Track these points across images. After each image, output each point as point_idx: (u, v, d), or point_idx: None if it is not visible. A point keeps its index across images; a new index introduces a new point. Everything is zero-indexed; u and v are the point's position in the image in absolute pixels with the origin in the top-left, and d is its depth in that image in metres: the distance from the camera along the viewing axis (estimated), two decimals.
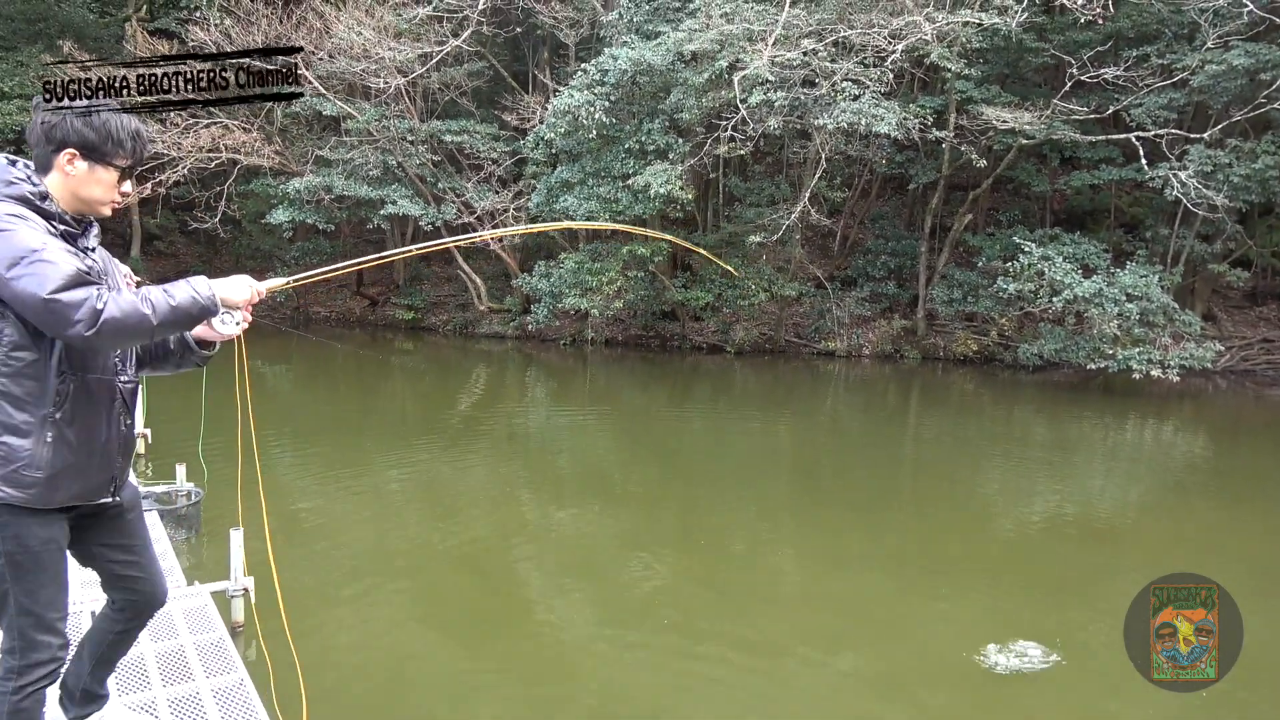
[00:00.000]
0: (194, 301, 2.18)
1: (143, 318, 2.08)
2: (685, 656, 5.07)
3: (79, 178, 2.25)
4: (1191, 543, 7.52)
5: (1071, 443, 11.62)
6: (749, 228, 16.75)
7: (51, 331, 2.07)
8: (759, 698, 4.64)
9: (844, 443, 11.73)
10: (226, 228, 20.50)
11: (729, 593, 6.10)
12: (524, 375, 15.99)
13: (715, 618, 5.64)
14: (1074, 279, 13.91)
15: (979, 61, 15.85)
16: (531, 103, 18.35)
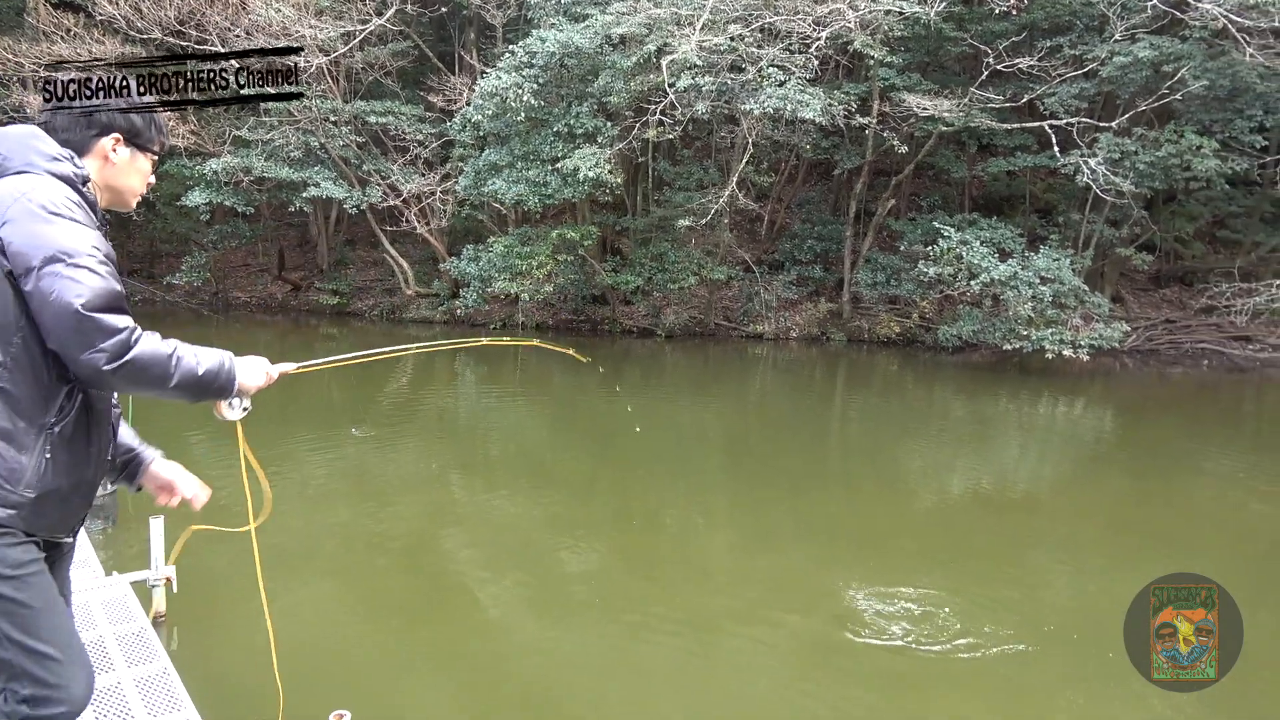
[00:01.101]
0: (217, 376, 1.98)
1: (165, 373, 1.88)
2: (618, 636, 5.15)
3: (119, 166, 2.04)
4: (1101, 512, 7.89)
5: (989, 420, 12.04)
6: (678, 211, 16.83)
7: (65, 349, 1.80)
8: (692, 674, 4.74)
9: (772, 423, 11.95)
10: (140, 210, 19.66)
11: (661, 572, 6.20)
12: (453, 361, 15.84)
13: (647, 597, 5.72)
14: (991, 262, 14.36)
15: (901, 50, 16.18)
16: (458, 84, 18.08)
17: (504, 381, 14.54)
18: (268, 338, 17.68)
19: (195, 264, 19.99)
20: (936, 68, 17.93)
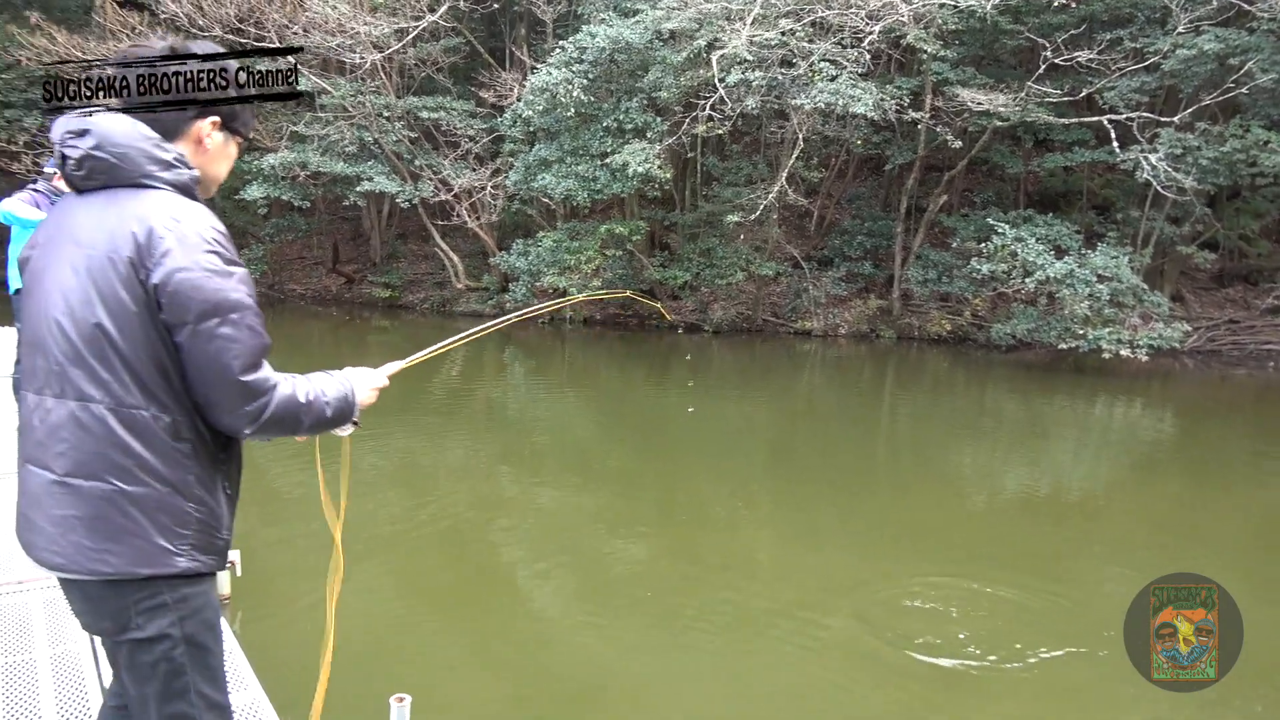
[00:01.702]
0: (341, 412, 1.86)
1: (297, 424, 1.77)
2: (663, 630, 5.18)
3: (212, 153, 1.82)
4: (1159, 518, 7.72)
5: (1043, 420, 11.83)
6: (727, 207, 16.80)
7: (210, 408, 1.67)
8: (736, 670, 4.76)
9: (820, 421, 11.88)
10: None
11: (706, 567, 6.21)
12: (502, 354, 16.00)
13: (693, 592, 5.75)
14: (1046, 260, 14.10)
15: (955, 43, 15.94)
16: (509, 80, 18.23)
17: (552, 374, 14.65)
18: (321, 329, 18.03)
19: (253, 257, 20.44)
20: (991, 61, 17.62)
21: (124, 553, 1.62)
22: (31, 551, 1.69)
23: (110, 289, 1.61)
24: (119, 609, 1.66)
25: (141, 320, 1.61)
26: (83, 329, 1.61)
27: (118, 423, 1.62)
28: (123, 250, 1.60)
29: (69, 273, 1.64)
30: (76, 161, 1.65)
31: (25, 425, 1.70)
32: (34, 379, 1.69)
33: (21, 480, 1.71)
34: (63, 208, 1.75)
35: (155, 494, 1.64)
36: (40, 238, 1.77)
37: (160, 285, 1.60)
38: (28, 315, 1.73)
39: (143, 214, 1.62)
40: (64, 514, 1.62)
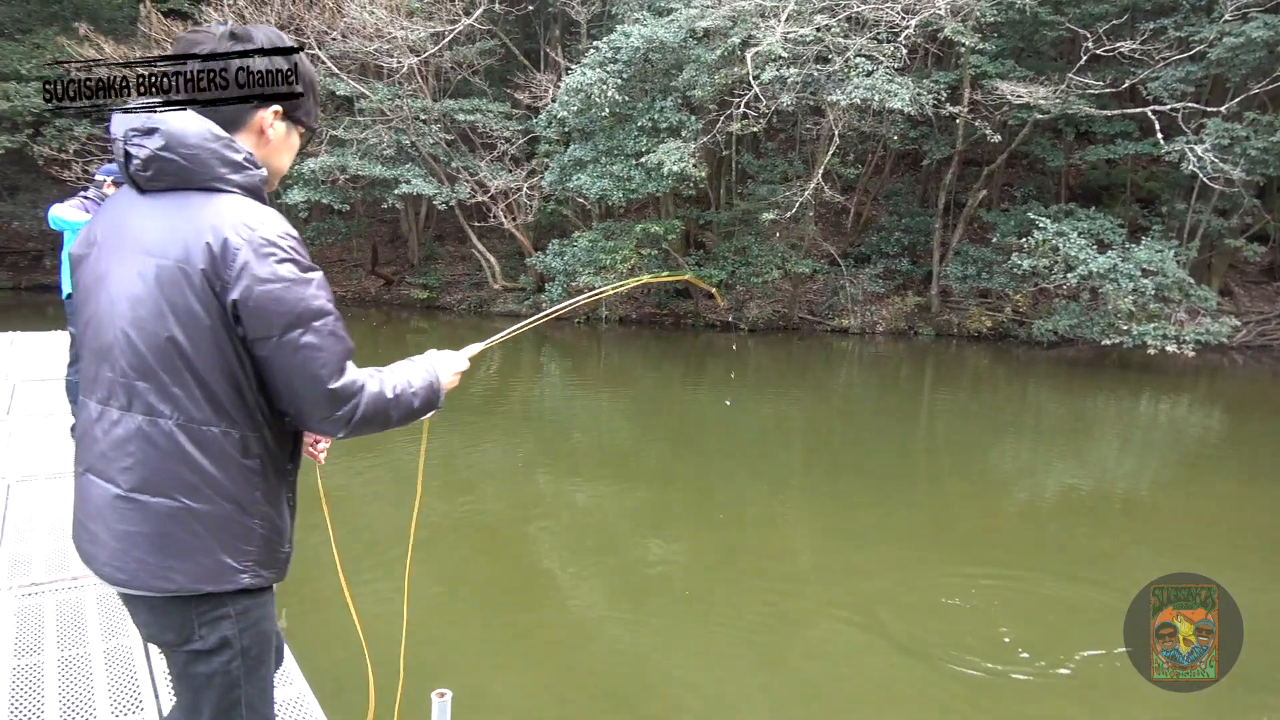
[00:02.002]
0: (428, 401, 1.83)
1: (386, 420, 1.73)
2: (701, 628, 5.19)
3: (275, 144, 1.73)
4: (1208, 517, 7.56)
5: (1086, 418, 11.64)
6: (762, 205, 16.74)
7: (300, 416, 1.64)
8: (775, 669, 4.75)
9: (857, 419, 11.79)
10: None
11: (744, 566, 6.21)
12: (538, 354, 16.09)
13: (731, 591, 5.75)
14: (1089, 254, 13.86)
15: (993, 35, 15.73)
16: (544, 81, 18.34)
17: (588, 373, 14.71)
18: (361, 331, 18.27)
19: None
20: (1031, 53, 17.35)
21: (188, 570, 1.60)
22: (93, 564, 1.66)
23: (183, 301, 1.54)
24: (182, 622, 1.64)
25: (215, 334, 1.55)
26: (153, 342, 1.55)
27: (187, 439, 1.57)
28: (196, 261, 1.53)
29: (137, 281, 1.56)
30: (143, 162, 1.56)
31: (86, 434, 1.66)
32: (97, 388, 1.63)
33: (81, 489, 1.67)
34: (122, 207, 1.65)
35: (221, 511, 1.61)
36: (96, 235, 1.68)
37: (240, 300, 1.53)
38: (88, 319, 1.66)
39: (216, 223, 1.54)
40: (128, 529, 1.59)
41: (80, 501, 1.68)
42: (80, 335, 1.69)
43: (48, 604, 3.47)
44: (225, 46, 1.63)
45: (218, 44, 1.63)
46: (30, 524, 4.32)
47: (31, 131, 20.10)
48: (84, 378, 1.68)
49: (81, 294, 1.69)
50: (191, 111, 1.60)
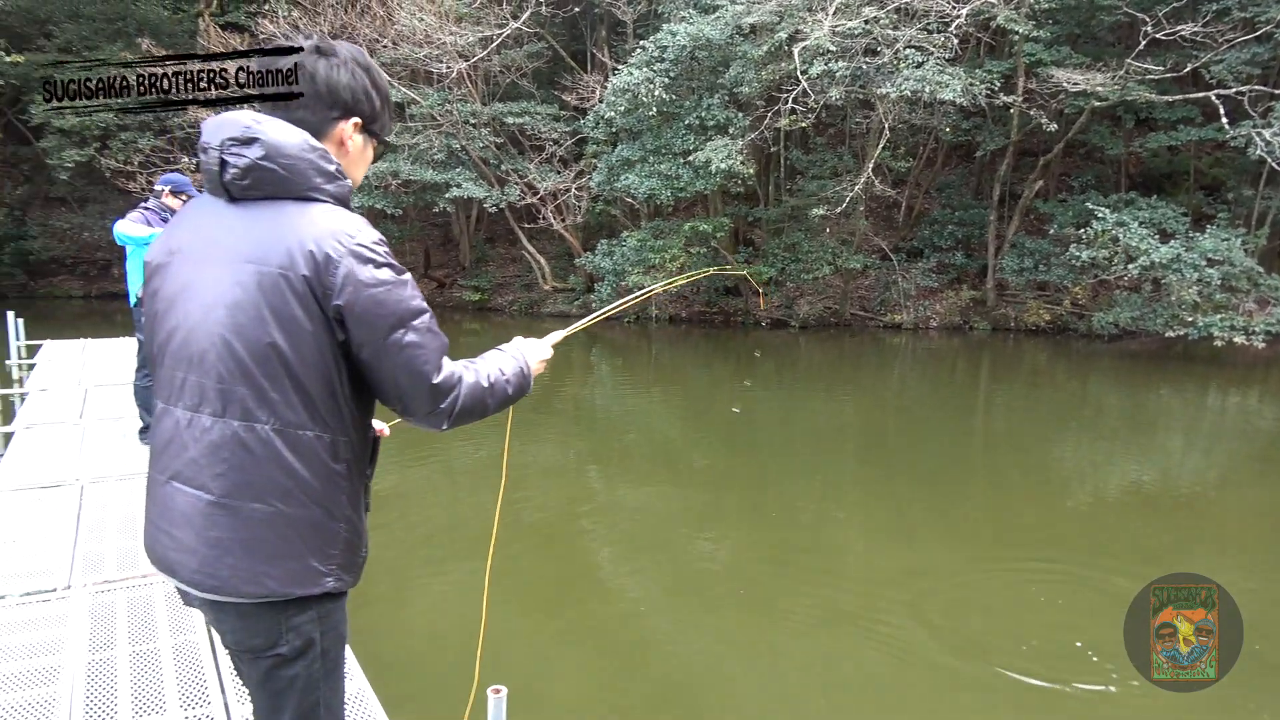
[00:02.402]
0: (520, 388, 1.87)
1: (484, 409, 1.78)
2: (755, 627, 5.17)
3: (352, 156, 1.76)
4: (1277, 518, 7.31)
5: (1149, 413, 11.33)
6: (811, 200, 16.60)
7: (406, 412, 1.70)
8: (830, 669, 4.72)
9: (912, 416, 11.64)
10: None
11: (798, 565, 6.17)
12: (589, 354, 16.17)
13: (784, 590, 5.72)
14: (1150, 244, 13.49)
15: (1048, 22, 15.38)
16: (591, 82, 18.42)
17: (638, 372, 14.74)
18: None
19: None
20: (1088, 39, 16.93)
21: (279, 575, 1.61)
22: (178, 572, 1.64)
23: (285, 308, 1.55)
24: (270, 626, 1.65)
25: (316, 339, 1.58)
26: (254, 348, 1.56)
27: (283, 444, 1.59)
28: (300, 268, 1.55)
29: (236, 288, 1.57)
30: (242, 170, 1.58)
31: (172, 441, 1.65)
32: (184, 395, 1.63)
33: (165, 497, 1.65)
34: (207, 215, 1.66)
35: (311, 515, 1.63)
36: (177, 244, 1.69)
37: (345, 306, 1.56)
38: (173, 327, 1.65)
39: (316, 231, 1.57)
40: (219, 536, 1.59)
41: (161, 509, 1.66)
42: (161, 343, 1.69)
43: (119, 601, 3.60)
44: (311, 62, 1.67)
45: (304, 56, 1.67)
46: (102, 524, 4.48)
47: (99, 145, 20.79)
48: (165, 384, 1.68)
49: (161, 302, 1.69)
50: (286, 123, 1.63)
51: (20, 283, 23.79)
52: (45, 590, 3.66)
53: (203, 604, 1.69)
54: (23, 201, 24.14)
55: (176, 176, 6.04)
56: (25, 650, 3.16)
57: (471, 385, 1.74)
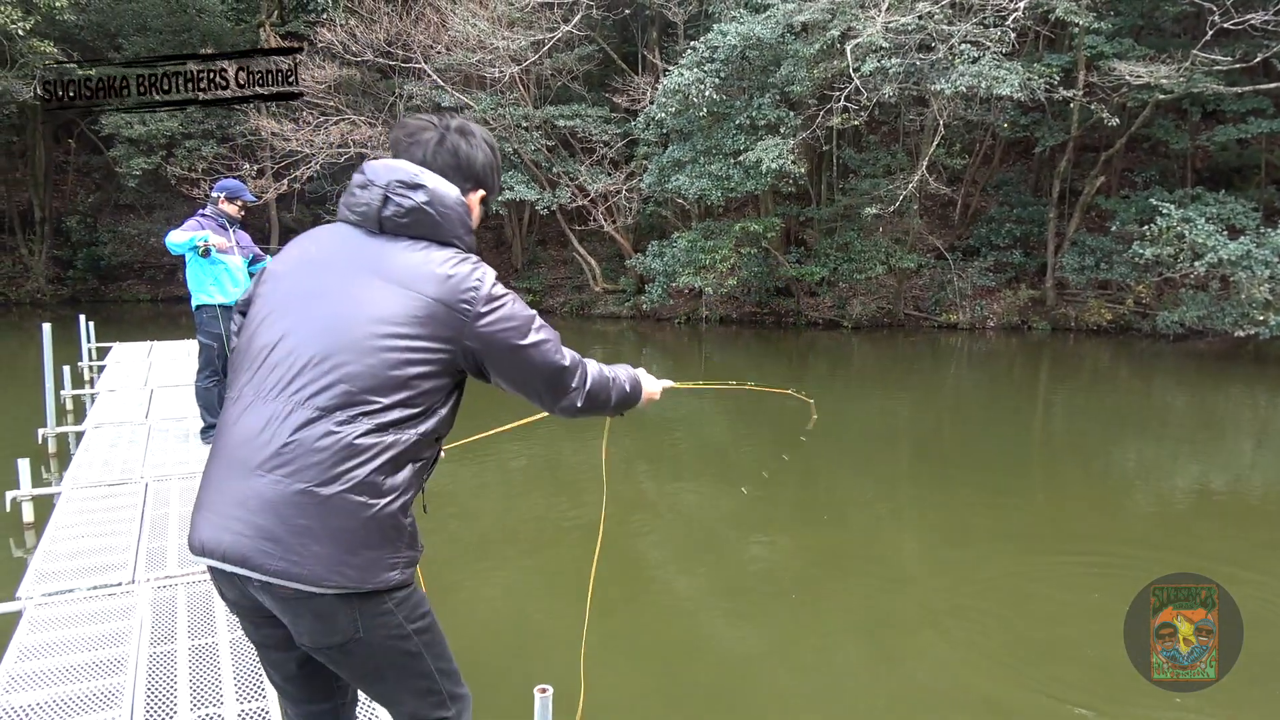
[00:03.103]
0: (633, 394, 2.15)
1: (608, 397, 2.05)
2: (807, 631, 5.12)
3: (474, 220, 2.01)
4: None
5: (1218, 415, 10.96)
6: (864, 199, 16.41)
7: (544, 400, 1.96)
8: (883, 675, 4.65)
9: (968, 418, 11.42)
10: None
11: (850, 568, 6.10)
12: (639, 355, 16.19)
13: (837, 594, 5.66)
14: (1218, 241, 13.06)
15: (1109, 14, 14.99)
16: (642, 83, 18.45)
17: (689, 373, 14.72)
18: None
19: None
20: (1152, 30, 16.47)
21: (358, 565, 1.68)
22: (255, 561, 1.67)
23: (425, 330, 1.75)
24: (349, 620, 1.72)
25: (442, 362, 1.78)
26: (389, 361, 1.72)
27: (384, 446, 1.71)
28: (444, 298, 1.77)
29: (382, 305, 1.74)
30: (405, 210, 1.81)
31: (260, 432, 1.71)
32: (288, 389, 1.72)
33: (243, 488, 1.70)
34: (351, 238, 1.85)
35: (389, 510, 1.72)
36: (309, 256, 1.87)
37: (485, 329, 1.80)
38: (290, 329, 1.77)
39: (461, 270, 1.81)
40: (307, 524, 1.66)
41: (237, 499, 1.70)
42: (269, 340, 1.79)
43: (180, 595, 3.70)
44: (438, 134, 1.94)
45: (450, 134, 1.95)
46: (165, 521, 4.62)
47: (165, 153, 21.44)
48: (264, 379, 1.76)
49: (277, 304, 1.83)
50: (442, 179, 1.89)
51: (92, 287, 24.66)
52: (111, 585, 3.79)
53: (277, 600, 1.71)
54: (94, 209, 25.03)
55: (231, 183, 6.18)
56: (92, 641, 3.27)
57: (596, 371, 2.02)
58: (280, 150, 19.58)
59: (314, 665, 1.91)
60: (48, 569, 3.94)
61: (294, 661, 1.89)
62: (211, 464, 1.80)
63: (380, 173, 1.84)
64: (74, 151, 25.20)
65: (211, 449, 1.83)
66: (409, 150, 1.93)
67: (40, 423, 7.65)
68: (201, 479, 1.82)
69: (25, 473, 5.48)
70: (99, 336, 11.65)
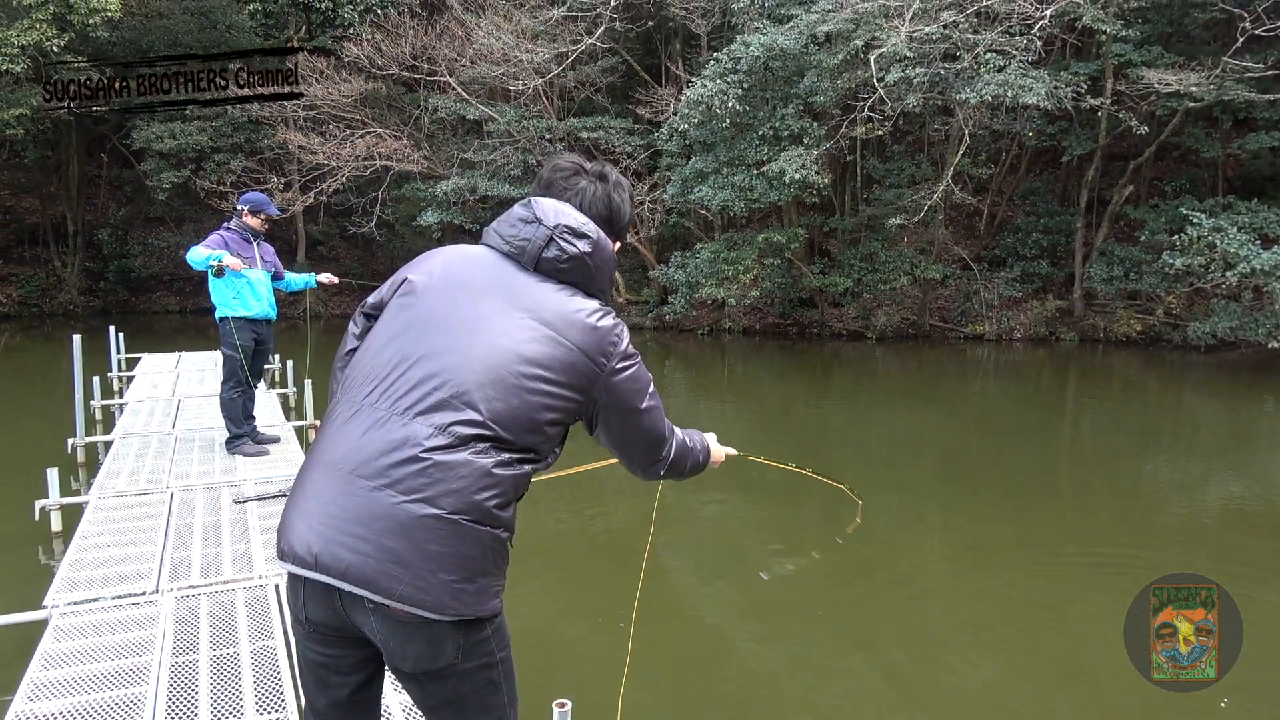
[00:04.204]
0: (703, 463, 2.24)
1: (685, 468, 2.15)
2: (830, 647, 5.06)
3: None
4: None
5: (1252, 427, 10.76)
6: (889, 209, 16.32)
7: (636, 464, 2.04)
8: (911, 695, 4.58)
9: (994, 430, 11.29)
10: (381, 231, 21.67)
11: (876, 583, 6.02)
12: (663, 366, 16.16)
13: (860, 609, 5.58)
14: (1251, 250, 12.85)
15: (1138, 21, 14.85)
16: (665, 95, 18.49)
17: (712, 385, 14.66)
18: None
19: None
20: (1181, 38, 16.28)
21: (474, 592, 1.69)
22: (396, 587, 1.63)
23: (565, 374, 1.77)
24: (456, 647, 1.72)
25: (570, 404, 1.80)
26: (529, 401, 1.74)
27: (509, 474, 1.73)
28: (590, 348, 1.80)
29: (531, 343, 1.76)
30: (568, 256, 1.84)
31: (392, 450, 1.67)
32: (430, 411, 1.69)
33: (375, 506, 1.65)
34: (503, 270, 1.85)
35: (502, 537, 1.75)
36: (456, 277, 1.85)
37: (615, 385, 1.85)
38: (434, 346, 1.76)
39: (603, 325, 1.83)
40: (439, 550, 1.64)
41: (367, 515, 1.65)
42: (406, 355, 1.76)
43: (203, 606, 3.71)
44: (595, 184, 1.98)
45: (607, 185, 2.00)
46: (190, 530, 4.64)
47: (194, 166, 21.74)
48: (402, 397, 1.72)
49: (420, 320, 1.81)
50: (603, 232, 1.92)
51: (123, 299, 25.02)
52: (136, 594, 3.81)
53: (388, 623, 1.68)
54: (125, 222, 25.41)
55: (255, 196, 6.23)
56: (116, 650, 3.28)
57: (680, 442, 2.10)
58: (307, 163, 19.80)
59: (366, 692, 1.88)
60: (74, 577, 3.97)
61: (350, 686, 1.85)
62: (320, 472, 1.72)
63: (549, 214, 1.86)
64: (106, 166, 25.62)
65: (318, 454, 1.76)
66: (564, 194, 1.95)
67: (70, 432, 7.74)
68: (302, 483, 1.75)
69: (54, 482, 5.54)
70: (129, 347, 11.80)
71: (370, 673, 1.87)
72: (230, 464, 6.05)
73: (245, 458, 6.19)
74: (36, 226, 25.25)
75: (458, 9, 18.74)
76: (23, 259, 24.98)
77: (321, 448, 1.76)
